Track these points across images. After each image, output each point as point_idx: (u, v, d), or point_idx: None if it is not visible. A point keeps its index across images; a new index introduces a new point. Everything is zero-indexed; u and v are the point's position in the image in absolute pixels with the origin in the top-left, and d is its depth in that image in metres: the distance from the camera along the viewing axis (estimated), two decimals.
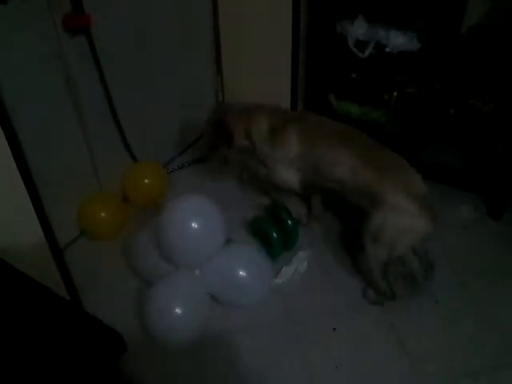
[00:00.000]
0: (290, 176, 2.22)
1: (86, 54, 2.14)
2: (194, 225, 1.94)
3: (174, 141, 2.95)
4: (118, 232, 2.42)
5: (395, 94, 2.64)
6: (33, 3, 1.86)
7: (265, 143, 2.19)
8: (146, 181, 2.56)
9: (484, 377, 1.82)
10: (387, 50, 2.49)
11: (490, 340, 1.94)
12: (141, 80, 2.50)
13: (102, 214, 2.38)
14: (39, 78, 2.00)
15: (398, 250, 1.93)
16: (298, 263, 2.27)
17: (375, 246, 1.94)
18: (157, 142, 2.78)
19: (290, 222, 2.29)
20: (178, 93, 2.78)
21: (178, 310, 1.89)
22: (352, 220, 2.14)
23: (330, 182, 2.09)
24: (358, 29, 2.55)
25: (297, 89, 2.86)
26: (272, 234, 2.23)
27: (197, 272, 2.03)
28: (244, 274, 2.06)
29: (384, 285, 2.04)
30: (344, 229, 2.45)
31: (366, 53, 2.57)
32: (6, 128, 1.55)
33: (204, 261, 2.04)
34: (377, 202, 1.89)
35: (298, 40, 2.68)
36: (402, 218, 1.86)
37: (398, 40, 2.47)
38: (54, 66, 2.05)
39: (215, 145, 2.30)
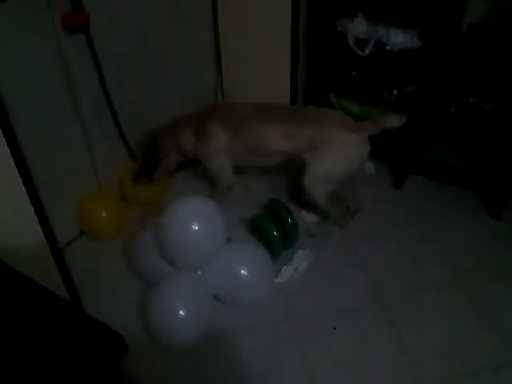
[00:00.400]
0: (222, 164, 2.43)
1: (85, 53, 2.14)
2: (194, 226, 1.93)
3: None
4: (118, 232, 2.41)
5: (395, 92, 2.64)
6: (32, 2, 1.86)
7: (196, 147, 2.43)
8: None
9: (484, 377, 1.82)
10: (387, 48, 2.49)
11: (490, 340, 1.94)
12: (140, 80, 2.49)
13: (102, 214, 2.37)
14: (38, 77, 2.00)
15: (342, 178, 2.21)
16: (298, 262, 2.26)
17: (320, 186, 2.22)
18: None
19: (290, 221, 2.28)
20: (178, 92, 2.77)
21: (181, 312, 1.89)
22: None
23: (269, 157, 2.36)
24: (358, 27, 2.55)
25: (297, 87, 2.86)
26: (272, 232, 2.22)
27: (199, 273, 2.03)
28: (246, 273, 2.06)
29: (334, 210, 2.35)
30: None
31: (366, 51, 2.57)
32: (5, 127, 1.55)
33: (205, 261, 2.04)
34: (322, 147, 2.15)
35: (298, 39, 2.67)
36: (347, 148, 2.15)
37: (398, 38, 2.46)
38: (54, 65, 2.05)
39: (154, 164, 2.52)
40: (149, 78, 2.55)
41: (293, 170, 2.41)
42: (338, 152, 2.15)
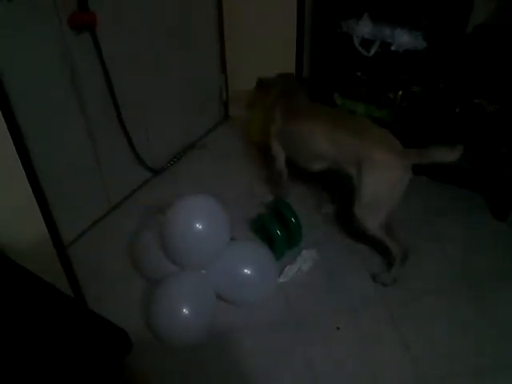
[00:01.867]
0: (276, 149, 2.39)
1: (90, 52, 2.15)
2: (198, 225, 1.94)
3: (178, 138, 2.96)
4: None
5: (400, 92, 2.63)
6: (39, 0, 1.87)
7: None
8: None
9: (484, 376, 1.82)
10: (393, 48, 2.48)
11: (491, 340, 1.94)
12: (145, 78, 2.50)
13: None
14: (45, 76, 2.01)
15: (391, 206, 2.02)
16: (302, 262, 2.27)
17: (371, 213, 2.03)
18: (161, 139, 2.78)
19: (293, 220, 2.29)
20: (183, 91, 2.79)
21: (184, 310, 1.90)
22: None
23: (314, 161, 2.22)
24: (363, 27, 2.54)
25: None
26: (275, 231, 2.23)
27: (203, 272, 2.04)
28: (249, 273, 2.07)
29: (394, 245, 2.10)
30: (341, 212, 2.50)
31: (372, 51, 2.56)
32: (11, 125, 1.56)
33: (209, 260, 2.04)
34: (366, 163, 1.96)
35: (303, 39, 2.68)
36: (395, 174, 1.95)
37: (404, 38, 2.46)
38: (60, 64, 2.06)
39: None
40: (153, 76, 2.56)
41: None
42: (380, 174, 1.97)
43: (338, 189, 2.52)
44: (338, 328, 2.00)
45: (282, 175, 2.48)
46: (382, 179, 1.96)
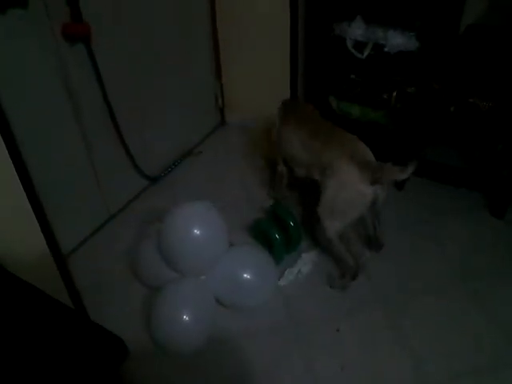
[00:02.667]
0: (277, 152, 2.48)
1: (85, 63, 2.16)
2: (196, 231, 1.95)
3: (174, 145, 2.97)
4: None
5: (395, 93, 2.64)
6: (32, 12, 1.88)
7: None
8: None
9: (484, 376, 1.82)
10: (386, 50, 2.49)
11: (491, 339, 1.94)
12: (141, 87, 2.52)
13: None
14: (40, 87, 2.02)
15: (350, 216, 2.05)
16: (302, 265, 2.27)
17: (330, 217, 2.07)
18: (158, 147, 2.80)
19: (292, 224, 2.29)
20: (179, 98, 2.80)
21: (185, 317, 1.90)
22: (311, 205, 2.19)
23: (298, 167, 2.31)
24: (356, 30, 2.55)
25: (296, 91, 2.88)
26: (274, 235, 2.23)
27: (202, 278, 2.04)
28: (248, 277, 2.07)
29: (348, 256, 2.14)
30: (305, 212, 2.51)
31: (365, 53, 2.57)
32: (7, 137, 1.56)
33: (208, 267, 2.05)
34: (329, 170, 2.04)
35: (297, 43, 2.69)
36: (351, 183, 1.97)
37: (397, 40, 2.47)
38: (55, 75, 2.06)
39: None
40: (148, 85, 2.57)
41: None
42: (338, 182, 2.01)
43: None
44: (338, 330, 2.01)
45: (283, 178, 2.52)
46: (340, 187, 2.01)
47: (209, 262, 2.04)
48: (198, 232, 1.95)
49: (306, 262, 2.28)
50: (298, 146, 2.23)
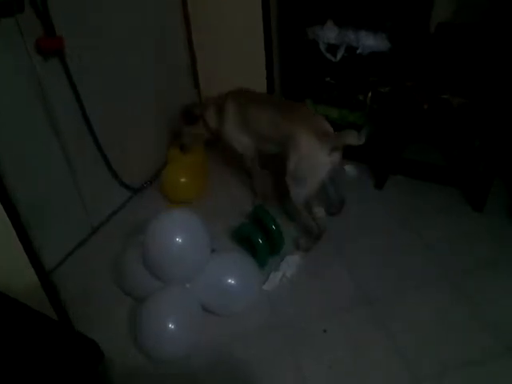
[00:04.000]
0: (236, 139, 2.57)
1: (61, 76, 2.16)
2: (177, 239, 1.96)
3: (155, 155, 2.98)
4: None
5: (370, 94, 2.68)
6: (4, 28, 1.88)
7: (217, 123, 2.62)
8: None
9: (472, 370, 1.83)
10: (358, 51, 2.53)
11: (480, 332, 1.95)
12: (117, 100, 2.53)
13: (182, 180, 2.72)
14: (15, 103, 2.02)
15: (313, 183, 2.22)
16: (286, 268, 2.29)
17: (295, 185, 2.25)
18: (138, 158, 2.81)
19: (274, 227, 2.31)
20: (154, 107, 2.82)
21: (171, 325, 1.90)
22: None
23: (269, 143, 2.43)
24: (328, 33, 2.59)
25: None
26: (257, 240, 2.25)
27: (187, 286, 2.05)
28: (233, 283, 2.08)
29: (311, 221, 2.36)
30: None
31: (338, 56, 2.61)
32: None
33: (191, 274, 2.05)
34: (291, 142, 2.21)
35: (271, 49, 2.72)
36: (312, 153, 2.16)
37: (369, 41, 2.51)
38: (30, 89, 2.06)
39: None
40: (125, 97, 2.59)
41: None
42: (300, 152, 2.19)
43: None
44: (325, 331, 2.02)
45: (253, 158, 2.62)
46: (302, 157, 2.19)
47: (192, 270, 2.05)
48: (179, 239, 1.96)
49: (290, 264, 2.30)
50: (268, 125, 2.36)
